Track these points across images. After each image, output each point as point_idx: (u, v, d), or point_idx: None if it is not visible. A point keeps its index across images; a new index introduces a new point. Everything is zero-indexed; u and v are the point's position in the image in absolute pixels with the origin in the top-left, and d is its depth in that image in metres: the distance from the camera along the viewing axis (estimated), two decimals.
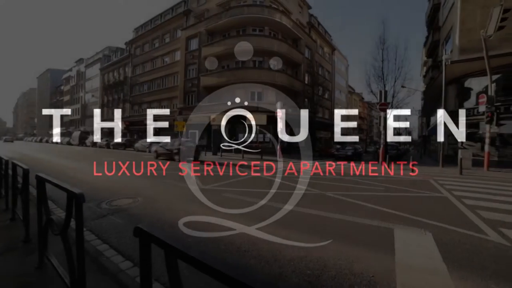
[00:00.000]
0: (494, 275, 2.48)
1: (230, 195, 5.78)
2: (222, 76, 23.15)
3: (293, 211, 4.57)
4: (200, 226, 3.70)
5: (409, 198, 5.94)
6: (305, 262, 2.64)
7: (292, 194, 6.03)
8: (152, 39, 33.35)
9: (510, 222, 4.13)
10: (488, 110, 11.47)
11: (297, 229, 3.65)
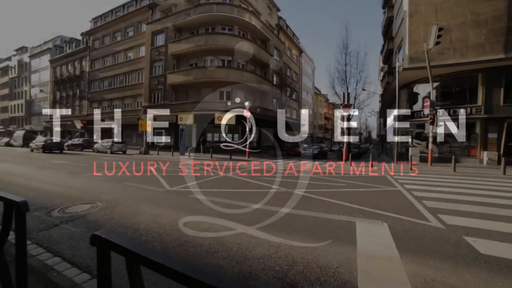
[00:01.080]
0: (432, 254, 2.87)
1: (198, 197, 5.65)
2: (190, 74, 22.50)
3: (261, 210, 4.64)
4: (166, 229, 3.56)
5: (369, 193, 6.44)
6: (274, 259, 2.71)
7: (261, 193, 6.12)
8: (114, 32, 30.96)
9: (446, 208, 4.76)
10: (431, 113, 12.99)
11: (265, 228, 3.71)
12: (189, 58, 23.68)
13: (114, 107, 30.49)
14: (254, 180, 8.30)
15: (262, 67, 26.97)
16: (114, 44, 30.53)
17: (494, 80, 14.30)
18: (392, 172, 10.72)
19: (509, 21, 13.50)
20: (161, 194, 5.92)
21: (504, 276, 2.40)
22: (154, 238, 3.26)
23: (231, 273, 2.43)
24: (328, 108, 61.75)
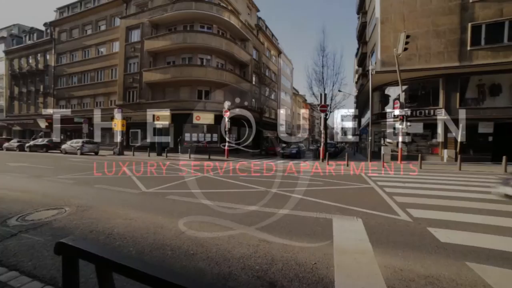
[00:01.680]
0: (401, 245, 3.08)
1: (176, 198, 5.51)
2: (167, 73, 21.79)
3: (239, 210, 4.65)
4: (142, 233, 3.42)
5: (345, 190, 6.71)
6: (254, 258, 2.72)
7: (240, 193, 6.12)
8: (83, 24, 29.00)
9: (413, 203, 5.12)
10: (400, 114, 13.87)
11: (244, 228, 3.72)
12: (167, 55, 22.95)
13: (85, 105, 28.66)
14: (233, 180, 8.27)
15: (242, 66, 26.94)
16: (84, 38, 28.65)
17: (451, 85, 15.66)
18: (366, 170, 11.28)
19: (461, 34, 15.01)
20: (136, 197, 5.69)
21: (458, 260, 2.64)
22: (129, 242, 3.12)
23: (210, 274, 2.41)
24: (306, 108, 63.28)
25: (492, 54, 14.61)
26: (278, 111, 37.70)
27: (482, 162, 14.78)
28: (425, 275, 2.41)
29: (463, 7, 15.06)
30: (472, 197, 5.75)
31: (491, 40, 14.68)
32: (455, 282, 2.30)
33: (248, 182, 7.75)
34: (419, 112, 16.36)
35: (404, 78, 15.28)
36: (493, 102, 15.37)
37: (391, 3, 16.51)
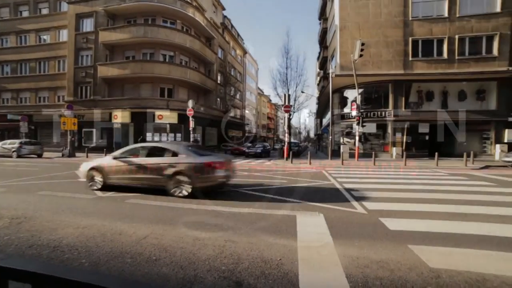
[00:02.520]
0: (357, 236, 3.36)
1: (138, 201, 5.18)
2: (126, 68, 20.20)
3: (205, 211, 4.57)
4: (97, 242, 3.14)
5: (307, 187, 7.05)
6: (220, 258, 2.70)
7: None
8: (16, 4, 24.83)
9: (368, 196, 5.62)
10: (357, 115, 15.06)
11: (209, 229, 3.67)
12: (126, 49, 21.28)
13: (23, 100, 24.97)
14: None
15: (206, 65, 26.38)
16: (20, 21, 24.69)
17: (398, 90, 17.55)
18: (327, 168, 11.99)
19: (405, 46, 17.09)
20: (91, 202, 5.19)
21: (403, 244, 2.99)
22: (82, 254, 2.83)
23: (174, 279, 2.32)
24: (271, 108, 64.73)
25: (427, 65, 16.90)
26: (243, 111, 37.87)
27: (421, 158, 16.85)
28: (377, 260, 2.67)
29: (405, 23, 17.11)
30: (416, 189, 6.53)
31: (425, 54, 17.01)
32: (400, 263, 2.59)
33: None
34: (372, 114, 17.96)
35: (360, 82, 16.62)
36: (428, 106, 17.65)
37: (348, 13, 17.83)
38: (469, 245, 3.07)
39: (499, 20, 16.37)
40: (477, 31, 16.61)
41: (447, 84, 17.44)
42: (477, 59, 16.59)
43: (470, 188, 6.80)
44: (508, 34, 16.23)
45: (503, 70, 16.16)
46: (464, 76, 16.74)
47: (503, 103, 16.70)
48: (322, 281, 2.27)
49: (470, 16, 16.64)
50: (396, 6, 17.28)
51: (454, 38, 16.73)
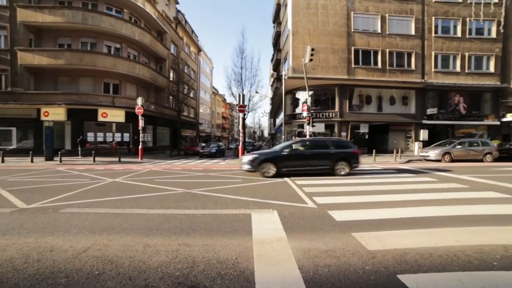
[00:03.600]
0: (309, 229, 3.59)
1: (74, 210, 4.56)
2: (60, 57, 17.48)
3: (156, 215, 4.31)
4: (17, 265, 2.66)
5: (262, 186, 7.23)
6: (173, 264, 2.58)
7: (157, 197, 5.66)
8: None
9: (318, 191, 6.06)
10: (308, 115, 16.10)
11: (162, 234, 3.48)
12: (58, 35, 18.46)
13: None
14: (148, 183, 7.55)
15: (158, 60, 24.80)
16: None
17: (343, 93, 19.42)
18: None
19: (348, 54, 19.09)
20: (9, 217, 4.35)
21: (347, 233, 3.33)
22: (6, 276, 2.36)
23: None
24: (226, 108, 64.40)
25: (366, 72, 19.16)
26: (197, 110, 36.76)
27: (362, 154, 18.91)
28: (325, 249, 2.91)
29: (349, 34, 19.10)
30: (358, 183, 7.32)
31: (365, 62, 19.32)
32: (344, 250, 2.88)
33: (165, 185, 7.24)
34: (321, 115, 19.45)
35: (310, 84, 17.79)
36: (368, 109, 20.01)
37: (300, 19, 18.94)
38: (402, 227, 3.59)
39: (414, 41, 19.76)
40: (401, 47, 19.64)
41: (381, 90, 20.04)
42: (402, 70, 19.56)
43: (399, 179, 7.95)
44: (420, 53, 19.68)
45: (418, 81, 19.47)
46: (393, 84, 19.51)
47: (419, 108, 20.05)
48: (277, 275, 2.37)
49: (396, 35, 19.58)
50: (341, 18, 19.10)
51: (386, 51, 19.39)
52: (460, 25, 20.25)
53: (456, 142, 14.84)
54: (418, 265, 2.53)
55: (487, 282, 2.22)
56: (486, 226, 3.67)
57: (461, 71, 20.22)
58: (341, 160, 8.84)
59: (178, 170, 11.13)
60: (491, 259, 2.69)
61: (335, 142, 9.79)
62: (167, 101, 26.36)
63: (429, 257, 2.70)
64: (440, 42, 20.09)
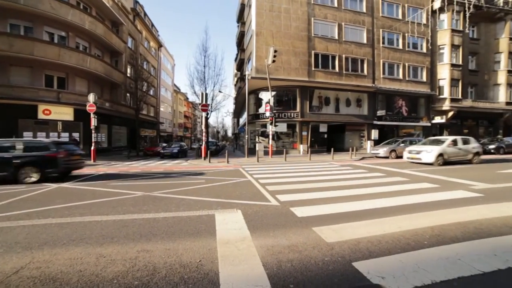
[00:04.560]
0: (272, 226, 3.68)
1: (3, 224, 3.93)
2: None
3: (112, 222, 3.98)
4: None
5: (225, 185, 7.19)
6: (131, 273, 2.41)
7: (112, 202, 5.22)
8: None
9: (281, 189, 6.26)
10: (270, 115, 16.50)
11: (118, 241, 3.23)
12: None
13: None
14: (102, 187, 6.92)
15: (113, 54, 22.77)
16: None
17: (304, 94, 20.36)
18: (244, 165, 12.60)
19: (309, 57, 20.06)
20: None
21: (308, 227, 3.52)
22: None
23: None
24: (188, 106, 62.30)
25: (325, 75, 20.40)
26: (158, 109, 34.83)
27: (322, 153, 20.18)
28: (288, 245, 3.03)
29: (309, 38, 20.08)
30: (318, 179, 7.76)
31: (324, 66, 20.52)
32: (306, 244, 3.04)
33: (122, 188, 6.71)
34: (283, 115, 20.08)
35: (273, 85, 18.27)
36: (327, 109, 21.33)
37: (264, 20, 19.26)
38: (356, 219, 3.91)
39: (366, 49, 21.76)
40: (355, 54, 21.40)
41: (339, 93, 21.53)
42: (356, 75, 21.30)
43: (354, 175, 8.65)
44: (371, 60, 21.77)
45: (370, 85, 21.47)
46: (349, 87, 21.13)
47: (371, 110, 22.12)
48: (242, 273, 2.39)
49: (351, 42, 21.29)
50: (302, 22, 19.97)
51: (342, 56, 20.89)
52: (401, 38, 22.96)
53: (400, 141, 16.85)
54: (369, 252, 2.80)
55: (419, 259, 2.61)
56: (420, 212, 4.23)
57: (403, 78, 22.92)
58: None
59: (137, 172, 10.41)
60: (422, 239, 3.15)
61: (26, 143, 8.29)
62: (124, 99, 24.38)
63: (378, 243, 3.02)
64: (387, 52, 22.45)
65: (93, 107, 14.65)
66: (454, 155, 11.73)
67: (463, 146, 12.09)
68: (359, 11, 21.73)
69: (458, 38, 23.96)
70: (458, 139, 12.25)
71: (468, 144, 12.34)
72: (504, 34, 25.53)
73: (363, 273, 2.35)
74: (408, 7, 23.23)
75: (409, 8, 23.22)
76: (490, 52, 26.11)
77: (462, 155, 11.97)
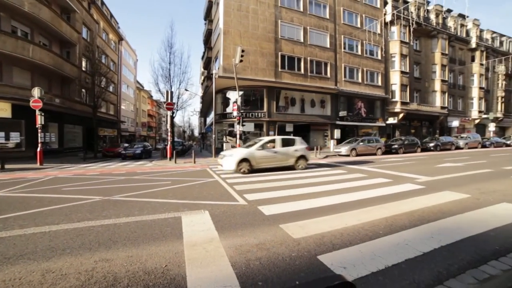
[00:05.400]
0: (240, 226, 3.69)
1: None
2: None
3: (64, 231, 3.60)
4: None
5: (192, 186, 6.99)
6: (88, 286, 2.21)
7: (65, 209, 4.71)
8: None
9: (248, 189, 6.30)
10: (238, 115, 16.49)
11: (71, 253, 2.93)
12: None
13: None
14: (52, 193, 6.20)
15: (64, 45, 20.46)
16: None
17: (271, 95, 20.79)
18: (211, 166, 12.39)
19: (276, 58, 20.56)
20: None
21: (275, 225, 3.61)
22: None
23: None
24: (152, 105, 59.05)
25: (291, 76, 21.07)
26: (118, 106, 32.36)
27: None
28: (256, 243, 3.06)
29: (276, 40, 20.55)
30: (285, 178, 7.98)
31: (290, 67, 21.18)
32: (273, 241, 3.10)
33: (77, 193, 6.10)
34: (251, 114, 20.24)
35: (240, 85, 18.27)
36: (293, 110, 22.07)
37: (231, 19, 19.13)
38: (321, 214, 4.12)
39: (329, 53, 23.07)
40: (320, 57, 22.51)
41: (304, 94, 22.42)
42: (320, 77, 22.42)
43: (318, 173, 9.10)
44: (334, 64, 23.16)
45: (333, 88, 22.80)
46: (313, 88, 22.15)
47: (334, 111, 23.52)
48: (210, 275, 2.35)
49: (316, 46, 22.34)
50: (269, 24, 20.33)
51: (307, 59, 21.79)
52: (360, 45, 24.87)
53: (359, 140, 18.22)
54: (333, 245, 2.98)
55: (375, 247, 2.88)
56: (376, 205, 4.64)
57: (362, 82, 24.82)
58: None
59: (95, 175, 9.53)
60: (378, 229, 3.46)
61: None
62: (79, 95, 22.09)
63: (341, 236, 3.22)
64: (348, 57, 24.06)
65: (39, 103, 13.00)
66: (267, 161, 9.72)
67: (282, 149, 10.13)
68: (323, 17, 22.92)
69: (406, 48, 26.95)
70: (277, 139, 10.40)
71: (290, 146, 10.40)
72: (437, 49, 29.86)
73: (327, 265, 2.49)
74: (365, 17, 25.23)
75: (366, 18, 25.23)
76: (429, 63, 30.15)
77: (279, 160, 9.97)
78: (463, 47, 33.69)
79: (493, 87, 36.61)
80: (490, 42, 36.45)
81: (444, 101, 30.23)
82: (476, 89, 34.01)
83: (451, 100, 32.12)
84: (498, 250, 2.82)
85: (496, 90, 36.43)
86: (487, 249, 2.84)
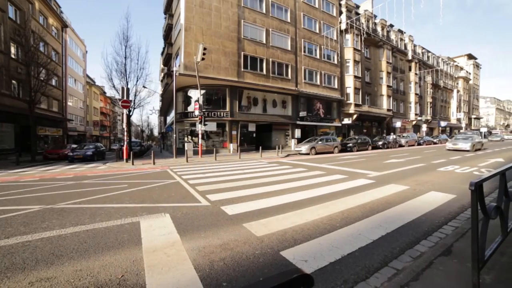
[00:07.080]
0: (203, 227, 3.62)
1: None
2: None
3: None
4: None
5: (151, 189, 6.60)
6: None
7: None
8: None
9: (211, 189, 6.20)
10: (200, 114, 16.09)
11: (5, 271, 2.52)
12: None
13: None
14: None
15: None
16: None
17: (233, 94, 20.73)
18: (172, 166, 11.86)
19: (238, 58, 20.57)
20: None
21: (239, 224, 3.62)
22: None
23: None
24: (106, 102, 53.85)
25: (253, 77, 21.31)
26: (64, 102, 28.70)
27: (251, 151, 21.05)
28: (220, 244, 3.03)
29: (239, 40, 20.54)
30: (248, 177, 8.04)
31: (252, 67, 21.39)
32: (237, 241, 3.11)
33: (5, 204, 5.23)
34: (213, 114, 19.90)
35: (202, 83, 17.83)
36: (255, 109, 22.37)
37: (193, 15, 18.48)
38: (283, 211, 4.25)
39: (290, 55, 24.01)
40: (281, 59, 23.23)
41: (266, 94, 22.87)
42: (281, 78, 23.14)
43: (280, 171, 9.39)
44: (294, 66, 24.19)
45: (293, 89, 23.78)
46: (275, 89, 22.74)
47: (294, 111, 24.53)
48: (172, 280, 2.25)
49: (277, 48, 22.99)
50: (232, 23, 20.21)
51: (269, 60, 22.28)
52: (318, 49, 26.40)
53: (318, 139, 19.31)
54: (294, 240, 3.11)
55: (333, 239, 3.10)
56: (334, 200, 4.99)
57: (320, 84, 26.38)
58: None
59: (33, 181, 8.27)
60: (336, 222, 3.75)
61: None
62: (8, 87, 18.89)
63: (302, 231, 3.39)
64: (307, 60, 25.31)
65: None
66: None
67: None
68: (285, 20, 23.68)
69: (358, 55, 29.59)
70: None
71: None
72: (383, 57, 33.91)
73: (289, 260, 2.60)
74: (323, 24, 26.86)
75: (324, 25, 26.89)
76: (377, 70, 33.80)
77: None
78: (403, 58, 38.72)
79: (424, 94, 43.14)
80: (421, 56, 43.23)
81: (390, 104, 34.23)
82: (413, 95, 39.54)
83: (395, 103, 36.45)
84: (427, 231, 3.41)
85: (426, 97, 43.01)
86: (420, 231, 3.39)
